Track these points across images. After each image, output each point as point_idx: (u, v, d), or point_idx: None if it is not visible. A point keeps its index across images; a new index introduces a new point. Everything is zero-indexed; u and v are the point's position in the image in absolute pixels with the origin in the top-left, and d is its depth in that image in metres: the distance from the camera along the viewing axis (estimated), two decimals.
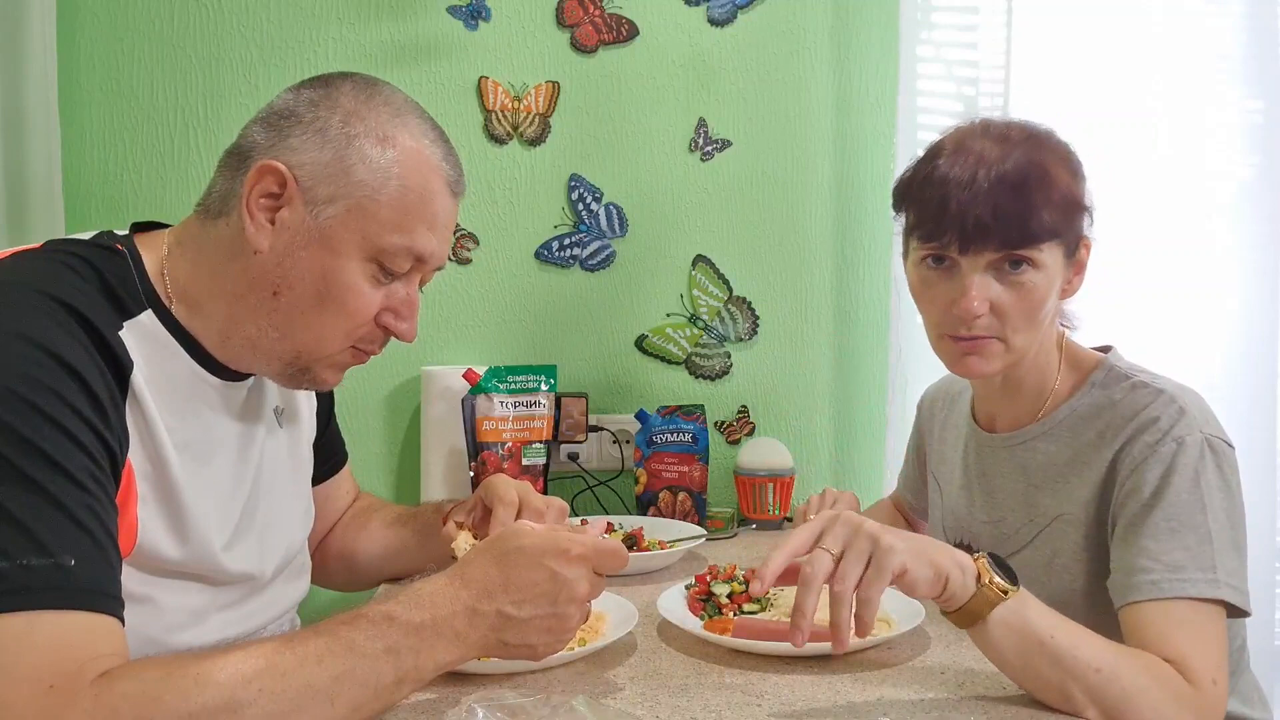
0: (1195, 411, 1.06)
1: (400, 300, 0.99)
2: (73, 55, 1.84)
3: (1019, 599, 0.92)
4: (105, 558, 0.79)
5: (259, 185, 0.93)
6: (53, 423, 0.78)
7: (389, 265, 0.96)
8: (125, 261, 0.93)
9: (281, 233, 0.93)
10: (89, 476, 0.79)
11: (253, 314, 0.95)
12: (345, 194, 0.93)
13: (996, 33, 1.80)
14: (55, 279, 0.86)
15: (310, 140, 0.93)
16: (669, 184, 1.96)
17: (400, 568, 1.35)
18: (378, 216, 0.94)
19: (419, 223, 0.96)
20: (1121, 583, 1.01)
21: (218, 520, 0.98)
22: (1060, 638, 0.92)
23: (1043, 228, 1.07)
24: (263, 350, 0.97)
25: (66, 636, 0.74)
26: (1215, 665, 0.95)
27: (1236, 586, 1.00)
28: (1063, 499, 1.14)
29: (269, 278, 0.94)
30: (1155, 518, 1.02)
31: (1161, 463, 1.03)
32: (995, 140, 1.10)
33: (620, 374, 1.97)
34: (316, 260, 0.93)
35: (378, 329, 0.99)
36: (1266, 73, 1.72)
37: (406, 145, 0.95)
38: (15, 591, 0.73)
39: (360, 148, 0.93)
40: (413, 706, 0.96)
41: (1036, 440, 1.18)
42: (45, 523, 0.75)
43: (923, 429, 1.44)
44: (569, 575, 0.88)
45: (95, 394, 0.82)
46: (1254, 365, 1.73)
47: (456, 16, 1.90)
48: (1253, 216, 1.75)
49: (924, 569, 0.89)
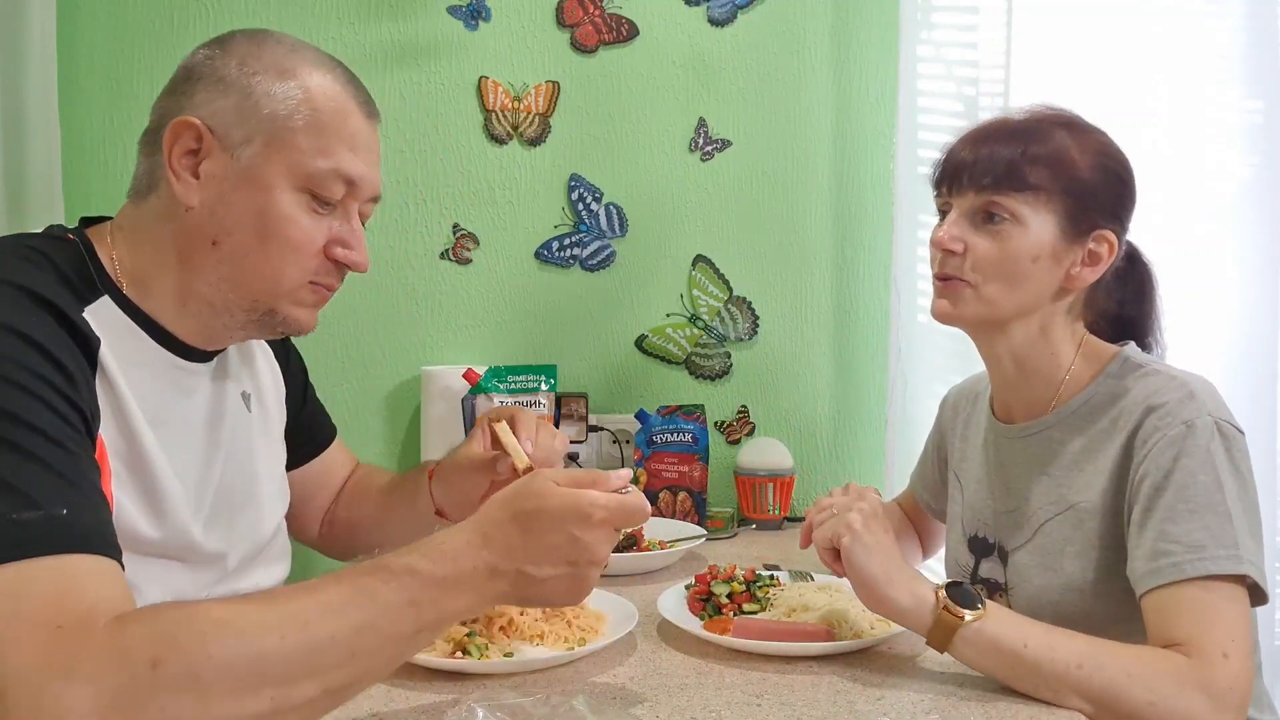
0: (1204, 396, 1.07)
1: (345, 232, 1.00)
2: (73, 55, 1.84)
3: (981, 620, 0.97)
4: (97, 506, 0.79)
5: (177, 144, 0.94)
6: (25, 390, 0.78)
7: (321, 193, 0.97)
8: (78, 249, 0.94)
9: (208, 184, 0.95)
10: (68, 438, 0.79)
11: (200, 272, 0.96)
12: (259, 130, 0.95)
13: (996, 33, 1.80)
14: (14, 269, 0.87)
15: (214, 90, 0.96)
16: (669, 184, 1.96)
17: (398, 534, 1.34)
18: (296, 145, 0.95)
19: (338, 144, 0.97)
20: (1143, 569, 1.01)
21: (191, 499, 0.98)
22: (1034, 646, 0.95)
23: (1020, 178, 1.11)
24: (220, 306, 0.98)
25: (69, 579, 0.73)
26: (1227, 638, 0.94)
27: (1257, 565, 0.99)
28: (1078, 488, 1.14)
29: (206, 230, 0.95)
30: (1171, 500, 1.02)
31: (1172, 446, 1.04)
32: (1029, 114, 1.17)
33: (620, 374, 1.97)
34: (248, 200, 0.95)
35: (329, 262, 1.00)
36: (1266, 73, 1.72)
37: (308, 74, 0.98)
38: (10, 545, 0.72)
39: (262, 83, 0.95)
40: (413, 707, 0.97)
41: (1051, 429, 1.18)
42: (32, 479, 0.75)
43: (944, 429, 1.44)
44: (590, 539, 0.86)
45: (64, 366, 0.82)
46: (1254, 365, 1.73)
47: (456, 16, 1.90)
48: (1253, 217, 1.74)
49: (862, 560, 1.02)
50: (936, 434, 1.48)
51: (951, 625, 0.97)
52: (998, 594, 1.21)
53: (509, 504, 0.87)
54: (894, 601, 1.00)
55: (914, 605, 0.99)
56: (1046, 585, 1.14)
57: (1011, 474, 1.23)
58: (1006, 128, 1.15)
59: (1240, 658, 0.94)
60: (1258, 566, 0.99)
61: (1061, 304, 1.17)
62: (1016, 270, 1.12)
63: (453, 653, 1.06)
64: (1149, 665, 0.94)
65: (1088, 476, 1.13)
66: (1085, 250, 1.14)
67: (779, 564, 1.48)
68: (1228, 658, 0.93)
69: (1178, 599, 0.98)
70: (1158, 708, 0.92)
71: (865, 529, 1.03)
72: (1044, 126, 1.14)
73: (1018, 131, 1.14)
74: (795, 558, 1.54)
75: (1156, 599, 0.99)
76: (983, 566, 1.25)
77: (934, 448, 1.48)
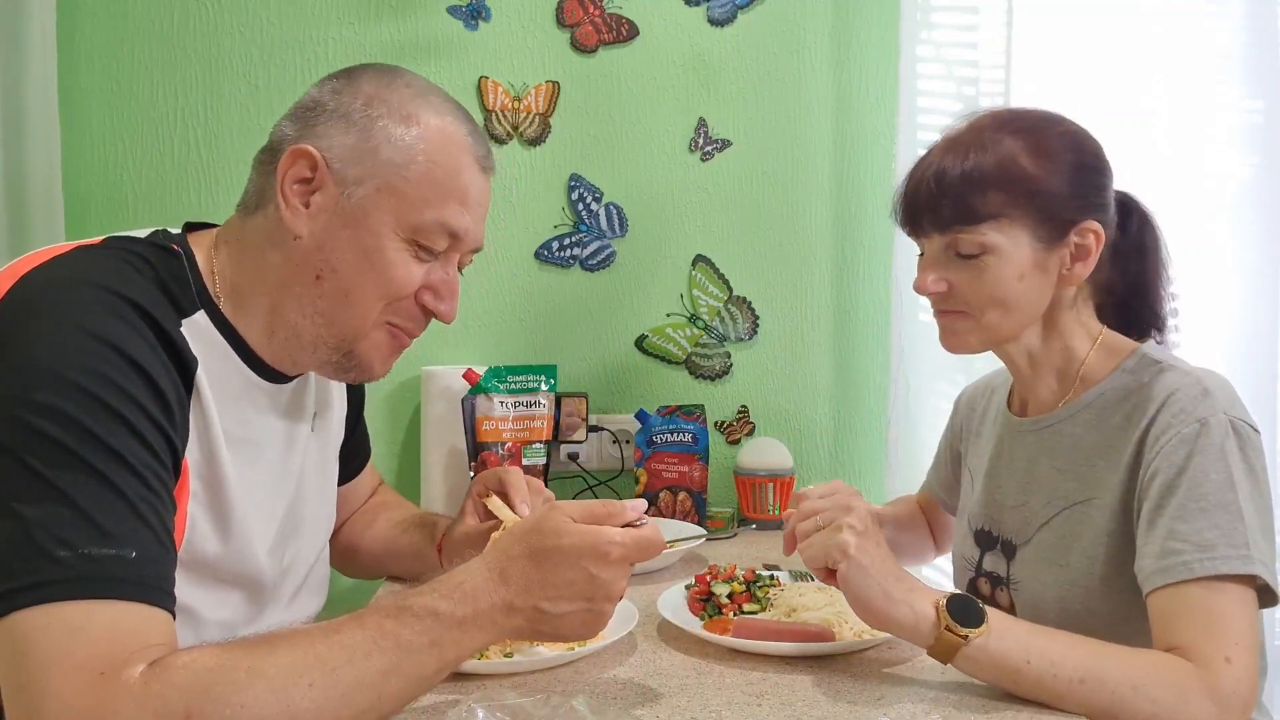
0: (1220, 394, 1.05)
1: (439, 280, 0.99)
2: (73, 55, 1.84)
3: (984, 636, 0.95)
4: (164, 552, 0.80)
5: (291, 170, 0.94)
6: (117, 417, 0.78)
7: (425, 243, 0.97)
8: (181, 262, 0.94)
9: (318, 216, 0.95)
10: (151, 471, 0.80)
11: (297, 302, 0.96)
12: (374, 173, 0.94)
13: (996, 32, 1.80)
14: (120, 276, 0.87)
15: (336, 125, 0.95)
16: (669, 184, 1.96)
17: (396, 570, 1.36)
18: (408, 194, 0.95)
19: (450, 198, 0.97)
20: (1151, 567, 1.00)
21: (261, 521, 0.98)
22: (1036, 661, 0.94)
23: (974, 211, 1.10)
24: (308, 339, 0.97)
25: (122, 627, 0.74)
26: (1230, 642, 0.94)
27: (1269, 566, 0.98)
28: (1089, 483, 1.13)
29: (310, 262, 0.95)
30: (1182, 498, 1.00)
31: (1185, 443, 1.02)
32: (969, 127, 1.15)
33: (620, 374, 1.97)
34: (355, 240, 0.94)
35: (416, 306, 0.99)
36: (1266, 73, 1.72)
37: (430, 122, 0.97)
38: (76, 580, 0.73)
39: (384, 127, 0.95)
40: (413, 706, 0.96)
41: (1063, 423, 1.17)
42: (109, 513, 0.76)
43: (959, 426, 1.43)
44: (606, 577, 0.87)
45: (160, 390, 0.83)
46: (1254, 365, 1.73)
47: (456, 16, 1.90)
48: (1253, 216, 1.74)
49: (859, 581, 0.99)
50: (950, 433, 1.47)
51: (954, 645, 0.96)
52: (1000, 588, 1.21)
53: (526, 540, 0.88)
54: (895, 620, 0.99)
55: (915, 622, 0.97)
56: (1052, 580, 1.13)
57: (1022, 467, 1.22)
58: (952, 150, 1.12)
59: (1243, 661, 0.93)
60: (1269, 567, 0.98)
61: (1064, 301, 1.16)
62: (1006, 295, 1.12)
63: None
64: (1152, 675, 0.93)
65: (1099, 472, 1.12)
66: (1070, 247, 1.12)
67: (779, 564, 1.48)
68: (1230, 662, 0.93)
69: (1184, 599, 0.97)
70: (1161, 718, 0.91)
71: (860, 550, 1.00)
72: (986, 139, 1.11)
73: (961, 155, 1.10)
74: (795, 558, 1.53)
75: (1163, 598, 0.98)
76: (986, 560, 1.25)
77: (948, 447, 1.47)
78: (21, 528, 0.73)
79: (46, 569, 0.73)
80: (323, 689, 0.77)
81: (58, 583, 0.73)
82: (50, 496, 0.75)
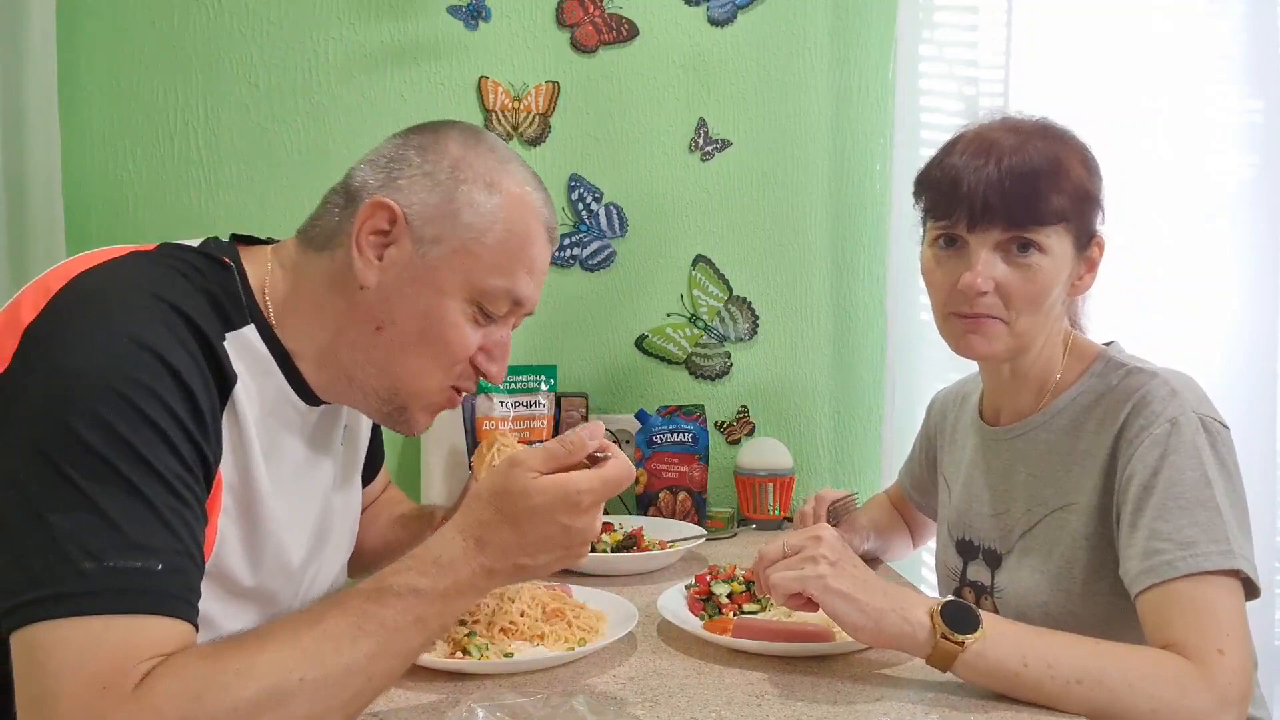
0: (1187, 393, 1.07)
1: (494, 342, 1.01)
2: (73, 55, 1.84)
3: (981, 642, 0.95)
4: (191, 564, 0.80)
5: (370, 221, 0.95)
6: (154, 427, 0.79)
7: (488, 307, 0.98)
8: (232, 275, 0.94)
9: (388, 269, 0.95)
10: (183, 483, 0.80)
11: (352, 348, 0.97)
12: (452, 235, 0.95)
13: (996, 32, 1.80)
14: (171, 284, 0.88)
15: (419, 182, 0.96)
16: (669, 184, 1.96)
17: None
18: (482, 259, 0.96)
19: (519, 267, 0.98)
20: (1136, 569, 1.01)
21: (291, 539, 0.98)
22: (1033, 665, 0.95)
23: (1050, 211, 1.08)
24: (359, 384, 0.98)
25: (137, 640, 0.74)
26: (1222, 634, 0.94)
27: (1249, 559, 0.99)
28: (1066, 489, 1.14)
29: (373, 313, 0.95)
30: (1160, 498, 1.02)
31: (1157, 444, 1.04)
32: (1011, 131, 1.13)
33: (620, 374, 1.97)
34: (421, 298, 0.95)
35: (470, 368, 1.01)
36: (1266, 73, 1.72)
37: (511, 192, 0.98)
38: (99, 594, 0.73)
39: (468, 192, 0.96)
40: (413, 707, 0.97)
41: (1037, 431, 1.18)
42: (138, 525, 0.76)
43: (933, 432, 1.44)
44: (581, 525, 0.88)
45: (197, 402, 0.83)
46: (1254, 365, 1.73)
47: (456, 16, 1.90)
48: (1252, 216, 1.74)
49: (843, 609, 0.99)
50: (924, 437, 1.48)
51: (952, 652, 0.96)
52: (985, 597, 1.21)
53: (496, 503, 0.88)
54: (888, 635, 0.99)
55: (911, 632, 0.97)
56: (1035, 586, 1.14)
57: (998, 476, 1.23)
58: (1006, 148, 1.10)
59: (1237, 652, 0.94)
60: (1249, 560, 0.99)
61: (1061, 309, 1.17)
62: (1046, 300, 1.11)
63: (453, 653, 1.06)
64: (1148, 671, 0.93)
65: (1075, 477, 1.13)
66: (1085, 258, 1.14)
67: None
68: (1224, 653, 0.93)
69: (1172, 597, 0.98)
70: (1160, 714, 0.91)
71: (837, 579, 1.00)
72: (1036, 142, 1.11)
73: (1020, 153, 1.09)
74: None
75: (1151, 598, 0.99)
76: (970, 569, 1.25)
77: (921, 449, 1.49)
78: (50, 536, 0.74)
79: (71, 581, 0.73)
80: (313, 681, 0.77)
81: (80, 595, 0.73)
82: (81, 505, 0.75)
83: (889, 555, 1.55)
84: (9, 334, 0.82)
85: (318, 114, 1.90)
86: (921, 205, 1.19)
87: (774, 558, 1.05)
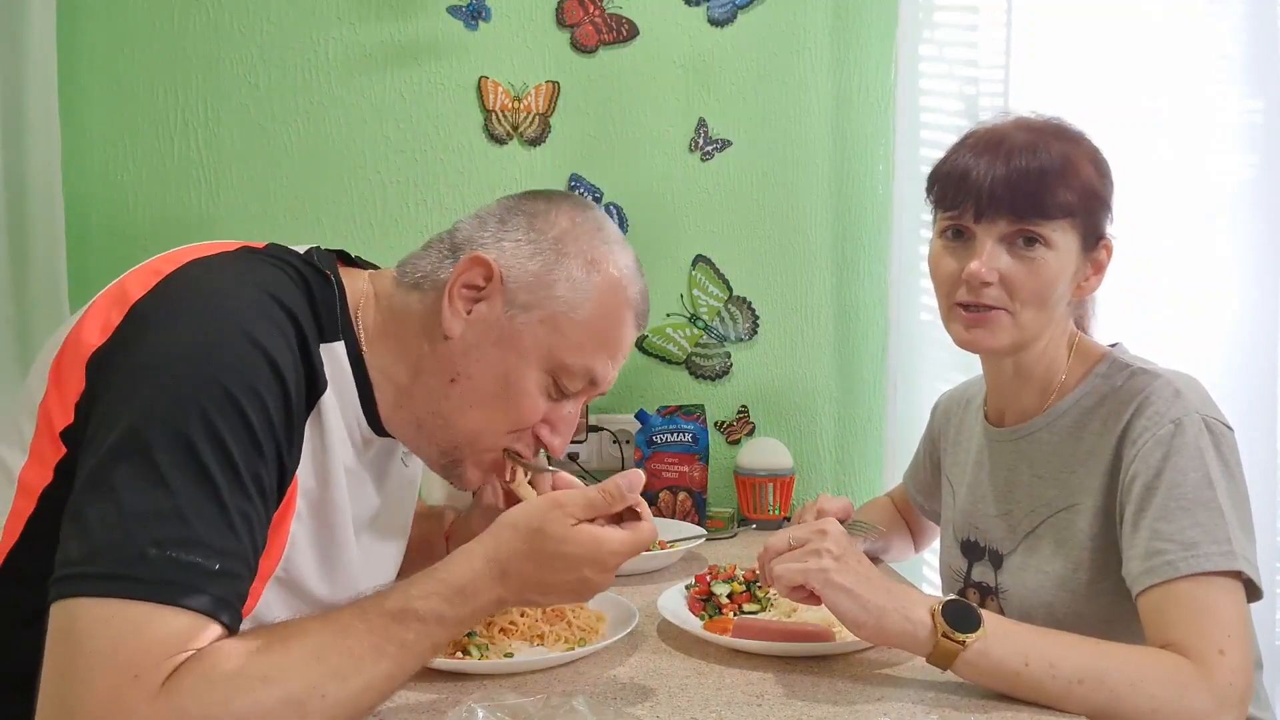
0: (1190, 394, 1.07)
1: (561, 416, 1.01)
2: (73, 55, 1.84)
3: (983, 641, 0.95)
4: (246, 570, 0.80)
5: (466, 274, 0.95)
6: (247, 426, 0.79)
7: (563, 382, 0.98)
8: (332, 289, 0.95)
9: (475, 325, 0.96)
10: (258, 486, 0.80)
11: (426, 393, 0.97)
12: (543, 305, 0.96)
13: (996, 32, 1.79)
14: (280, 284, 0.89)
15: (523, 247, 0.97)
16: (669, 184, 1.95)
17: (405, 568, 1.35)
18: (567, 334, 0.97)
19: (602, 349, 0.99)
20: (1138, 569, 1.01)
21: (361, 554, 0.99)
22: (1034, 664, 0.95)
23: (1056, 205, 1.09)
24: (425, 432, 0.99)
25: (177, 634, 0.74)
26: (1223, 634, 0.95)
27: (1250, 561, 0.99)
28: (1070, 489, 1.14)
29: (452, 364, 0.96)
30: (1162, 499, 1.02)
31: (1161, 445, 1.04)
32: (1024, 129, 1.14)
33: (620, 374, 1.96)
34: (501, 360, 0.96)
35: (531, 436, 1.01)
36: (1267, 73, 1.72)
37: (610, 274, 0.99)
38: (152, 582, 0.73)
39: (568, 266, 0.97)
40: (413, 706, 0.97)
41: (1041, 431, 1.18)
42: (206, 521, 0.76)
43: (937, 435, 1.44)
44: (599, 580, 0.91)
45: (290, 402, 0.84)
46: (1255, 365, 1.73)
47: (456, 16, 1.90)
48: (1252, 216, 1.74)
49: (845, 604, 0.99)
50: (928, 439, 1.48)
51: (952, 651, 0.96)
52: (990, 598, 1.21)
53: (529, 540, 0.89)
54: (890, 633, 0.99)
55: (912, 631, 0.98)
56: (1039, 587, 1.14)
57: (1003, 476, 1.23)
58: (1017, 144, 1.11)
59: (1237, 652, 0.94)
60: (1251, 562, 0.99)
61: (1066, 310, 1.17)
62: (1050, 295, 1.12)
63: (453, 653, 1.06)
64: (1149, 671, 0.93)
65: (1079, 478, 1.13)
66: (1092, 260, 1.15)
67: None
68: (1224, 654, 0.94)
69: (1173, 598, 0.98)
70: (1160, 714, 0.92)
71: (839, 573, 1.00)
72: (1048, 140, 1.12)
73: (1031, 149, 1.10)
74: None
75: (1152, 598, 0.99)
76: (975, 570, 1.25)
77: (926, 452, 1.49)
78: (119, 510, 0.74)
79: (129, 563, 0.73)
80: (335, 697, 0.79)
81: (134, 580, 0.73)
82: (160, 490, 0.75)
83: (889, 556, 1.55)
84: (116, 307, 0.84)
85: (318, 114, 1.90)
86: (932, 198, 1.20)
87: (779, 549, 1.06)
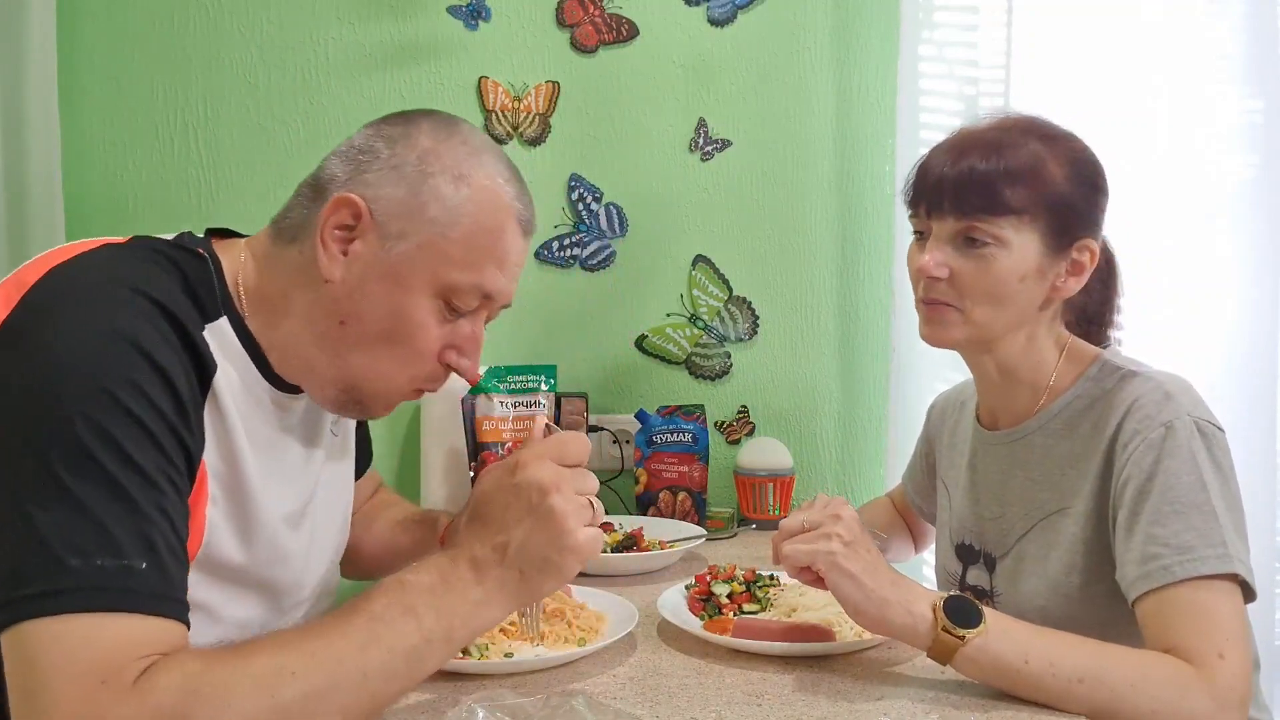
0: (1181, 396, 1.07)
1: (464, 336, 0.99)
2: (73, 55, 1.84)
3: (983, 637, 0.96)
4: (176, 561, 0.80)
5: (334, 216, 0.94)
6: (138, 423, 0.78)
7: (456, 302, 0.97)
8: (207, 266, 0.94)
9: (353, 264, 0.94)
10: (165, 478, 0.80)
11: (317, 340, 0.96)
12: (418, 230, 0.94)
13: (996, 32, 1.80)
14: (147, 276, 0.87)
15: (386, 176, 0.94)
16: (669, 184, 1.96)
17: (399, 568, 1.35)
18: (448, 254, 0.94)
19: (488, 261, 0.96)
20: (1133, 574, 1.01)
21: (284, 526, 0.98)
22: (1034, 662, 0.95)
23: (1002, 203, 1.09)
24: (318, 374, 0.97)
25: (130, 638, 0.74)
26: (1222, 638, 0.95)
27: (1245, 563, 0.99)
28: (1063, 492, 1.14)
29: (338, 308, 0.95)
30: (1155, 502, 1.02)
31: (1152, 449, 1.04)
32: (996, 127, 1.15)
33: (620, 374, 1.97)
34: (386, 294, 0.94)
35: (440, 366, 0.99)
36: (1266, 73, 1.72)
37: (480, 184, 0.96)
38: (86, 590, 0.73)
39: (435, 186, 0.94)
40: (413, 707, 0.97)
41: (1034, 435, 1.18)
42: (120, 523, 0.76)
43: (932, 436, 1.44)
44: (525, 478, 0.87)
45: (179, 394, 0.83)
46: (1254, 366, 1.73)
47: (456, 16, 1.90)
48: (1252, 216, 1.74)
49: (849, 589, 1.00)
50: (924, 441, 1.49)
51: (952, 646, 0.96)
52: (985, 600, 1.21)
53: (471, 505, 0.92)
54: (890, 624, 0.99)
55: (912, 624, 0.98)
56: (1033, 591, 1.14)
57: (996, 480, 1.23)
58: (980, 143, 1.12)
59: (1236, 655, 0.94)
60: (1245, 564, 0.99)
61: (1047, 313, 1.17)
62: (1003, 292, 1.12)
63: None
64: (1150, 673, 0.93)
65: (1071, 481, 1.13)
66: (1069, 261, 1.14)
67: None
68: (1224, 657, 0.94)
69: (1170, 602, 0.98)
70: (1160, 715, 0.92)
71: (847, 558, 1.01)
72: (1015, 138, 1.12)
73: (991, 147, 1.11)
74: None
75: (1149, 603, 0.99)
76: (970, 573, 1.25)
77: (922, 455, 1.49)
78: (34, 532, 0.74)
79: (60, 578, 0.73)
80: (305, 674, 0.77)
81: (71, 592, 0.73)
82: (66, 502, 0.75)
83: (889, 557, 1.55)
84: None
85: (318, 114, 1.90)
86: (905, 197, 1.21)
87: (792, 530, 1.06)
